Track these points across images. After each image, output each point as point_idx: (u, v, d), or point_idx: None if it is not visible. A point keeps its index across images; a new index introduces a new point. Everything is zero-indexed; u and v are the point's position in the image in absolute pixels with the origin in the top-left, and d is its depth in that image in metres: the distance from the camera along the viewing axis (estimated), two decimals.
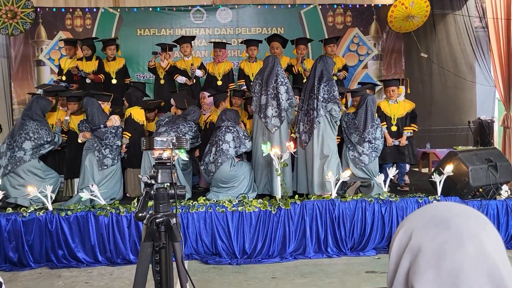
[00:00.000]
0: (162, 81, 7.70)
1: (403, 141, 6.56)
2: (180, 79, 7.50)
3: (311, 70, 5.98)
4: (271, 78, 5.85)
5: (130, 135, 6.17)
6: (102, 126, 5.86)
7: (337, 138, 6.05)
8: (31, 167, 5.71)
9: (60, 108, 6.74)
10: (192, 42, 8.09)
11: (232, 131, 5.86)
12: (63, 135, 6.34)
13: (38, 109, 5.93)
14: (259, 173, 5.91)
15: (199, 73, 7.56)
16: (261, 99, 5.88)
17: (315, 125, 5.64)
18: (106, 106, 6.39)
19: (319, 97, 5.63)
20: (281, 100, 5.74)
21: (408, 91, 7.11)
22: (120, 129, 6.10)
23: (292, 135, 6.11)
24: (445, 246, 0.81)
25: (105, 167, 5.80)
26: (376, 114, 6.19)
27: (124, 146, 6.13)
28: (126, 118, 6.30)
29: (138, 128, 6.30)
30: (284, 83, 5.82)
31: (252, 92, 6.08)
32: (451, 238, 0.82)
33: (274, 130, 5.77)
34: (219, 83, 7.55)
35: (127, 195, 6.21)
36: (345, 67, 7.91)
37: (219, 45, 7.72)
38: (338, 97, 5.73)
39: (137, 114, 6.32)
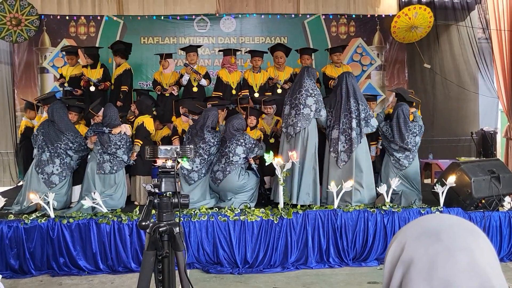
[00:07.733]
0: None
1: None
2: (185, 78, 7.46)
3: (337, 86, 5.99)
4: (296, 90, 5.91)
5: (141, 142, 6.16)
6: (106, 131, 5.79)
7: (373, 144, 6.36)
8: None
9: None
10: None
11: (242, 143, 5.84)
12: None
13: (61, 113, 5.98)
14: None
15: (204, 82, 7.52)
16: (285, 109, 5.94)
17: (355, 145, 5.69)
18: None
19: (361, 116, 5.74)
20: (310, 111, 5.75)
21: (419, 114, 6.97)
22: (129, 141, 6.03)
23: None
24: (437, 257, 0.81)
25: (102, 172, 5.75)
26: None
27: (135, 154, 6.11)
28: (138, 126, 6.30)
29: (148, 136, 6.36)
30: (313, 95, 5.83)
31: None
32: (443, 250, 0.82)
33: (288, 138, 5.80)
34: (234, 92, 7.49)
35: (135, 203, 6.15)
36: None
37: (229, 53, 7.66)
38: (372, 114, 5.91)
39: (148, 122, 6.34)
